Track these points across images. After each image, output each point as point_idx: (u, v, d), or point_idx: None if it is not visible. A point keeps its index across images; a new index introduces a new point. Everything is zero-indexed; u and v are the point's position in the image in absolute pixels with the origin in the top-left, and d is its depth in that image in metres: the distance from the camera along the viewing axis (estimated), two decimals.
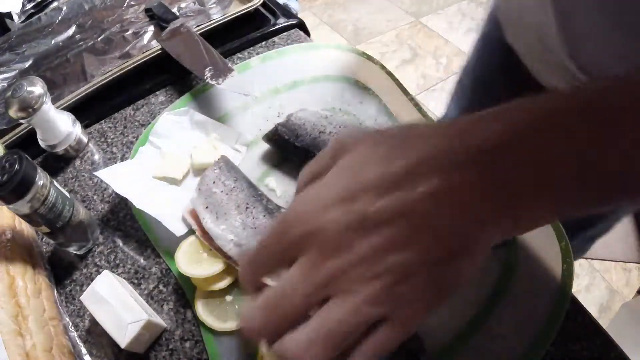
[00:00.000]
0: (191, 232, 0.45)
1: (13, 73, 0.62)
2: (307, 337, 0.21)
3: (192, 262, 0.42)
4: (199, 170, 0.50)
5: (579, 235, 0.61)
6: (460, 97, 0.73)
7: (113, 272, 0.44)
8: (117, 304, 0.39)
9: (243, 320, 0.23)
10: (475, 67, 0.67)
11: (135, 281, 0.45)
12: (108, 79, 0.58)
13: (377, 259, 0.21)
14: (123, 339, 0.38)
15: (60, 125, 0.52)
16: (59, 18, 0.68)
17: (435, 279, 0.22)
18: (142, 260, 0.47)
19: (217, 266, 0.41)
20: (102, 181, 0.52)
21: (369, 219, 0.21)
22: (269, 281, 0.25)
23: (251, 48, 0.65)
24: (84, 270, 0.47)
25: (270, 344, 0.22)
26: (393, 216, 0.21)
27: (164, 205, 0.47)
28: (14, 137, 0.55)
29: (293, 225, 0.23)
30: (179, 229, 0.45)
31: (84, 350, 0.42)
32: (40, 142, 0.53)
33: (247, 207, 0.44)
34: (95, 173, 0.48)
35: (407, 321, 0.22)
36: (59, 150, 0.53)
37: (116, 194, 0.50)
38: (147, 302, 0.44)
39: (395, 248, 0.21)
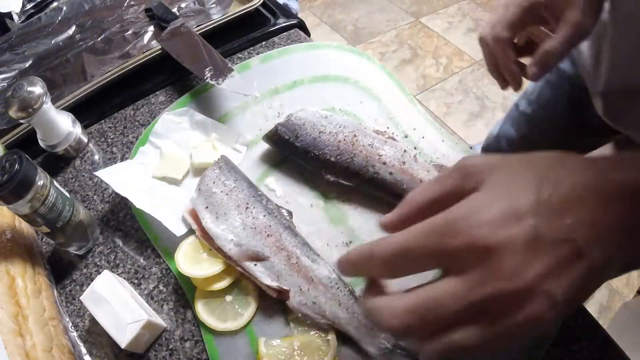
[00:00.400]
0: (191, 232, 0.45)
1: (13, 73, 0.62)
2: (442, 349, 0.22)
3: (192, 262, 0.42)
4: (198, 170, 0.50)
5: None
6: (519, 122, 0.74)
7: (113, 272, 0.44)
8: (117, 304, 0.39)
9: (385, 315, 0.23)
10: (540, 95, 0.68)
11: (135, 281, 0.45)
12: (108, 79, 0.58)
13: (537, 288, 0.21)
14: (123, 339, 0.38)
15: (60, 125, 0.52)
16: (59, 18, 0.68)
17: (568, 309, 0.22)
18: (142, 260, 0.47)
19: (217, 266, 0.41)
20: (102, 181, 0.52)
21: (543, 239, 0.22)
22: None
23: (251, 48, 0.65)
24: (84, 270, 0.47)
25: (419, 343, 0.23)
26: (564, 239, 0.22)
27: (164, 205, 0.47)
28: (14, 137, 0.55)
29: (459, 234, 0.22)
30: (178, 229, 0.45)
31: (84, 350, 0.42)
32: (40, 142, 0.53)
33: (247, 207, 0.44)
34: (95, 173, 0.48)
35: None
36: (59, 150, 0.53)
37: (116, 194, 0.50)
38: (147, 302, 0.44)
39: (552, 276, 0.21)
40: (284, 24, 0.67)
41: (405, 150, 0.47)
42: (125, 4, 0.69)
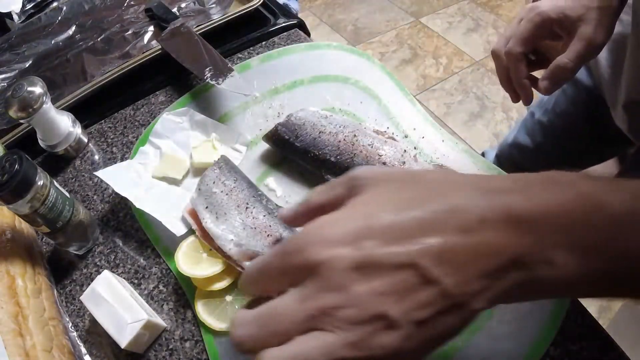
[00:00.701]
0: (191, 232, 0.45)
1: (13, 73, 0.62)
2: (282, 357, 0.22)
3: (192, 262, 0.42)
4: (198, 170, 0.50)
5: None
6: (534, 131, 0.74)
7: (113, 272, 0.44)
8: (117, 304, 0.39)
9: (233, 327, 0.24)
10: (557, 105, 0.69)
11: (135, 281, 0.45)
12: (108, 79, 0.58)
13: (370, 304, 0.21)
14: (123, 339, 0.38)
15: (60, 125, 0.52)
16: (59, 18, 0.68)
17: (421, 335, 0.22)
18: (142, 260, 0.47)
19: (217, 266, 0.41)
20: (102, 181, 0.52)
21: (373, 264, 0.22)
22: None
23: (251, 48, 0.65)
24: (84, 270, 0.47)
25: (253, 353, 0.23)
26: (396, 266, 0.22)
27: (164, 205, 0.47)
28: (14, 137, 0.55)
29: (298, 252, 0.23)
30: (179, 229, 0.45)
31: (84, 350, 0.42)
32: (40, 142, 0.53)
33: (247, 207, 0.44)
34: (95, 173, 0.48)
35: None
36: (59, 150, 0.53)
37: (116, 193, 0.50)
38: (147, 302, 0.44)
39: (389, 297, 0.21)
40: (284, 24, 0.67)
41: (405, 150, 0.47)
42: (125, 4, 0.69)
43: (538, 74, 0.47)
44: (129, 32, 0.65)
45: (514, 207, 0.22)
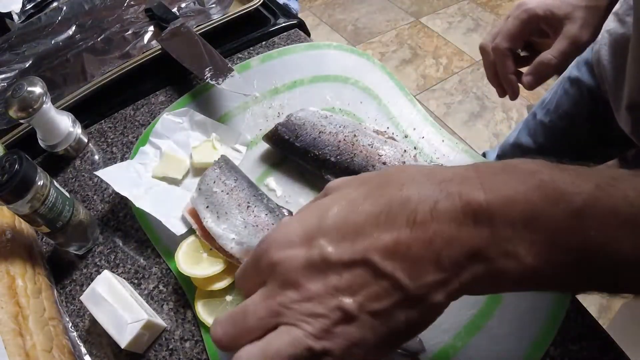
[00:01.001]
0: (191, 231, 0.45)
1: (13, 73, 0.62)
2: (251, 354, 0.23)
3: (192, 262, 0.42)
4: (198, 170, 0.50)
5: None
6: (536, 132, 0.74)
7: (113, 272, 0.44)
8: (117, 304, 0.39)
9: (212, 326, 0.25)
10: (559, 106, 0.69)
11: (135, 281, 0.45)
12: (108, 79, 0.58)
13: (326, 299, 0.22)
14: (123, 339, 0.38)
15: (60, 125, 0.52)
16: (59, 18, 0.68)
17: (381, 326, 0.22)
18: (142, 260, 0.47)
19: (217, 266, 0.41)
20: (102, 181, 0.52)
21: (325, 262, 0.23)
22: None
23: (251, 48, 0.65)
24: (84, 270, 0.47)
25: (231, 350, 0.25)
26: (348, 262, 0.22)
27: (164, 205, 0.47)
28: (14, 137, 0.55)
29: (264, 253, 0.25)
30: (178, 229, 0.45)
31: (84, 350, 0.42)
32: (40, 142, 0.53)
33: (248, 206, 0.44)
34: (95, 172, 0.48)
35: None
36: (59, 150, 0.53)
37: (116, 193, 0.50)
38: (147, 302, 0.44)
39: (344, 292, 0.22)
40: (284, 24, 0.67)
41: (405, 150, 0.47)
42: (125, 4, 0.69)
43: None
44: (129, 32, 0.65)
45: (471, 198, 0.21)
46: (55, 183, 0.42)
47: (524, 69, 0.47)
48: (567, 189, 0.21)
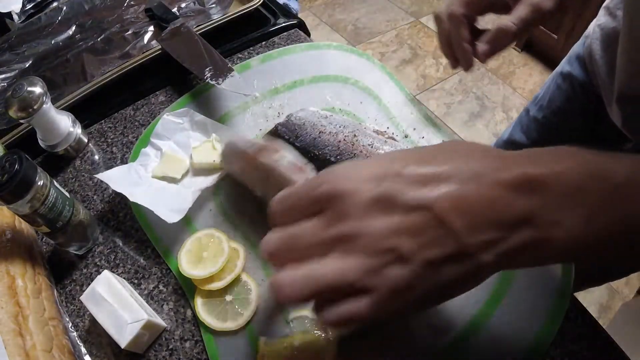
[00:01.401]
0: (188, 225, 0.45)
1: (13, 73, 0.62)
2: (296, 275, 0.24)
3: (194, 261, 0.42)
4: (198, 170, 0.51)
5: None
6: (529, 128, 0.74)
7: (113, 272, 0.44)
8: (117, 304, 0.39)
9: (263, 243, 0.26)
10: (552, 102, 0.69)
11: (135, 281, 0.45)
12: (108, 79, 0.58)
13: (384, 238, 0.23)
14: (123, 339, 0.38)
15: (60, 125, 0.52)
16: (59, 18, 0.68)
17: (429, 277, 0.23)
18: (142, 260, 0.47)
19: (217, 266, 0.41)
20: (102, 181, 0.52)
21: (392, 201, 0.24)
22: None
23: (251, 48, 0.65)
24: (84, 270, 0.47)
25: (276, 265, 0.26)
26: (414, 206, 0.23)
27: (158, 199, 0.46)
28: (14, 137, 0.55)
29: (325, 182, 0.25)
30: (170, 217, 0.44)
31: (84, 350, 0.42)
32: (40, 142, 0.53)
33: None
34: (95, 175, 0.48)
35: (385, 304, 0.23)
36: (59, 150, 0.53)
37: (116, 193, 0.50)
38: (147, 302, 0.44)
39: (403, 234, 0.23)
40: (284, 24, 0.67)
41: None
42: (125, 4, 0.69)
43: None
44: (129, 32, 0.65)
45: (527, 170, 0.23)
46: (55, 183, 0.42)
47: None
48: (607, 167, 0.23)
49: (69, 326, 0.43)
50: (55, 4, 0.72)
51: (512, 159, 0.25)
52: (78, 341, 0.42)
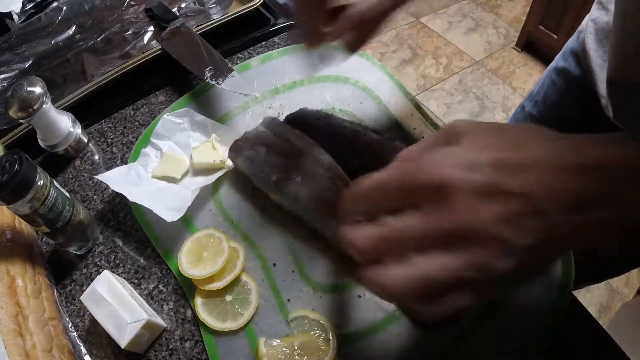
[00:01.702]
0: (188, 225, 0.45)
1: (13, 73, 0.62)
2: (405, 275, 0.23)
3: (194, 261, 0.42)
4: (198, 170, 0.51)
5: None
6: (524, 123, 0.74)
7: (113, 272, 0.44)
8: (117, 304, 0.39)
9: (351, 238, 0.25)
10: (547, 97, 0.69)
11: (135, 281, 0.45)
12: (108, 79, 0.58)
13: (490, 229, 0.23)
14: (123, 339, 0.38)
15: (60, 125, 0.52)
16: (59, 18, 0.68)
17: (528, 265, 0.24)
18: (142, 260, 0.47)
19: (217, 266, 0.41)
20: (102, 181, 0.52)
21: (495, 190, 0.23)
22: None
23: (251, 48, 0.65)
24: (84, 270, 0.47)
25: (365, 268, 0.25)
26: (512, 194, 0.23)
27: (158, 198, 0.46)
28: (14, 137, 0.55)
29: (422, 170, 0.24)
30: (170, 216, 0.44)
31: (84, 350, 0.42)
32: (40, 142, 0.53)
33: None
34: (95, 176, 0.47)
35: (485, 296, 0.24)
36: (59, 150, 0.53)
37: (116, 193, 0.50)
38: (147, 302, 0.44)
39: (505, 223, 0.23)
40: (284, 24, 0.67)
41: None
42: (125, 4, 0.69)
43: None
44: (129, 32, 0.65)
45: (596, 156, 0.24)
46: (55, 183, 0.42)
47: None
48: None
49: (69, 326, 0.43)
50: (55, 4, 0.72)
51: (579, 144, 0.25)
52: (78, 341, 0.42)
